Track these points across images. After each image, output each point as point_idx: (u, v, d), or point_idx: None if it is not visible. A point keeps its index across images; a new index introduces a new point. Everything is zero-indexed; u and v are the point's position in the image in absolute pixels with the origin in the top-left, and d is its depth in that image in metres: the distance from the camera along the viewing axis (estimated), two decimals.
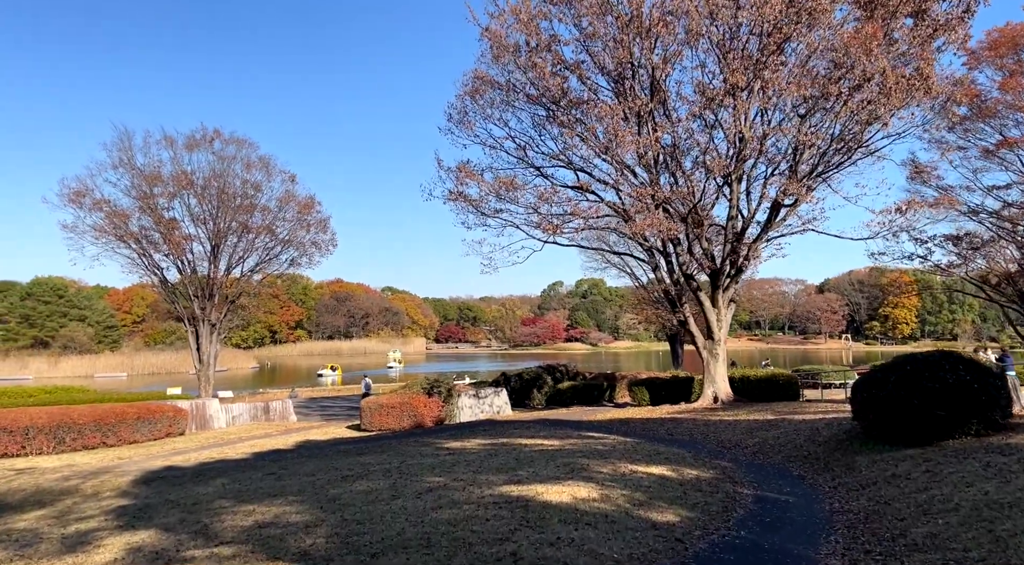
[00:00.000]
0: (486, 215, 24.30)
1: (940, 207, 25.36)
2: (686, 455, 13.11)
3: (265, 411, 29.00)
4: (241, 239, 42.46)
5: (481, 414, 24.37)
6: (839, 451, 12.32)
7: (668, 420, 19.50)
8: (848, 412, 17.23)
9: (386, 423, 22.21)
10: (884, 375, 11.71)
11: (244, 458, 17.46)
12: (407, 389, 23.17)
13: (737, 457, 13.24)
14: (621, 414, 21.99)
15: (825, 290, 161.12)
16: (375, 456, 15.54)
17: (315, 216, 44.77)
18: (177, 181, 39.37)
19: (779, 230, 21.95)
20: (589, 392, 29.59)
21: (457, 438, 18.23)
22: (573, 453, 13.14)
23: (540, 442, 15.88)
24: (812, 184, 19.36)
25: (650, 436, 16.77)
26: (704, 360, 22.85)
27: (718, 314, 22.59)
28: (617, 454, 12.94)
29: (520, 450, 14.32)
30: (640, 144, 18.71)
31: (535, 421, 21.51)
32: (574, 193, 21.13)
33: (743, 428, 16.46)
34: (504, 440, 16.85)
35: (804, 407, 19.07)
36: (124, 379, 79.21)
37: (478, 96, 23.16)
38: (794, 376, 23.18)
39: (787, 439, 14.26)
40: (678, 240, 22.99)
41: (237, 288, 43.23)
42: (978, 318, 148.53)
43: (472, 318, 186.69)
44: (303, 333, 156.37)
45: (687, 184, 21.74)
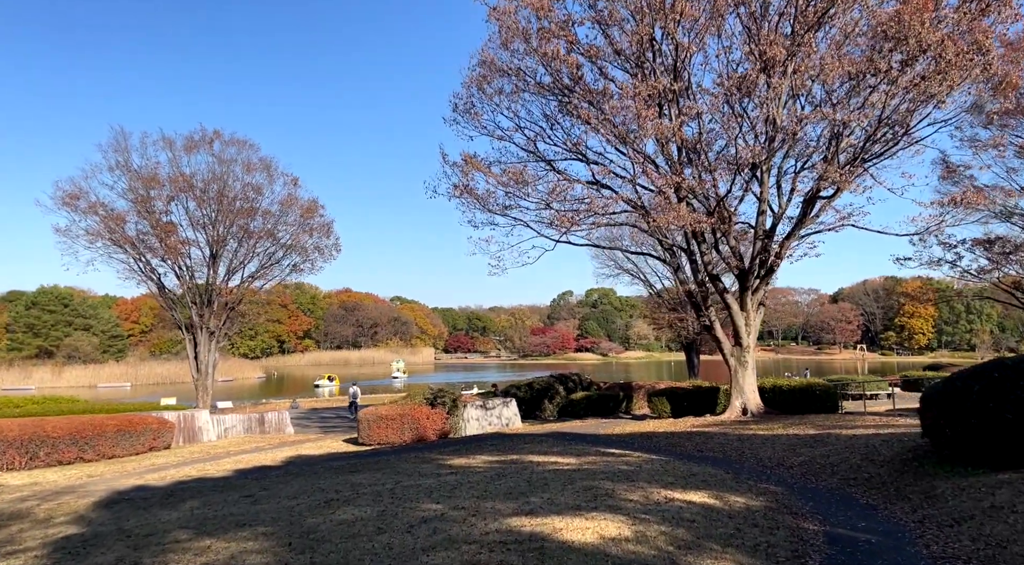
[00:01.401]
0: (494, 212, 22.62)
1: (990, 201, 23.29)
2: (725, 477, 11.27)
3: (260, 423, 27.33)
4: (241, 244, 41.10)
5: (489, 427, 22.57)
6: (909, 474, 10.44)
7: (695, 434, 17.64)
8: (904, 426, 15.37)
9: (385, 436, 20.46)
10: (965, 384, 9.85)
11: (225, 476, 15.75)
12: (408, 400, 21.43)
13: (784, 479, 11.38)
14: (641, 427, 20.15)
15: (839, 300, 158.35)
16: (368, 475, 13.80)
17: (318, 220, 43.35)
18: (175, 183, 38.03)
19: (813, 226, 20.12)
20: (604, 403, 27.73)
21: (462, 454, 16.46)
22: (594, 474, 11.34)
23: (554, 460, 14.08)
24: (854, 171, 17.52)
25: (677, 453, 14.92)
26: (731, 368, 20.96)
27: (747, 318, 20.74)
28: (645, 475, 11.12)
29: (532, 470, 12.53)
30: (662, 131, 17.00)
31: (548, 435, 19.71)
32: (588, 189, 19.38)
33: (783, 444, 14.59)
34: (514, 457, 15.06)
35: (847, 421, 17.17)
36: (128, 389, 77.92)
37: (486, 84, 21.54)
38: (832, 386, 21.24)
39: (839, 458, 12.39)
40: (703, 237, 21.18)
41: (237, 294, 41.75)
42: (996, 328, 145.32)
43: (481, 328, 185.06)
44: (311, 343, 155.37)
45: (712, 178, 19.98)
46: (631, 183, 20.81)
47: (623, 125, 17.54)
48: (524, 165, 21.68)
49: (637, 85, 16.55)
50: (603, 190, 20.22)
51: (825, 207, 20.20)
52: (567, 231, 21.94)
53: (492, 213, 22.72)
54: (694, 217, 17.70)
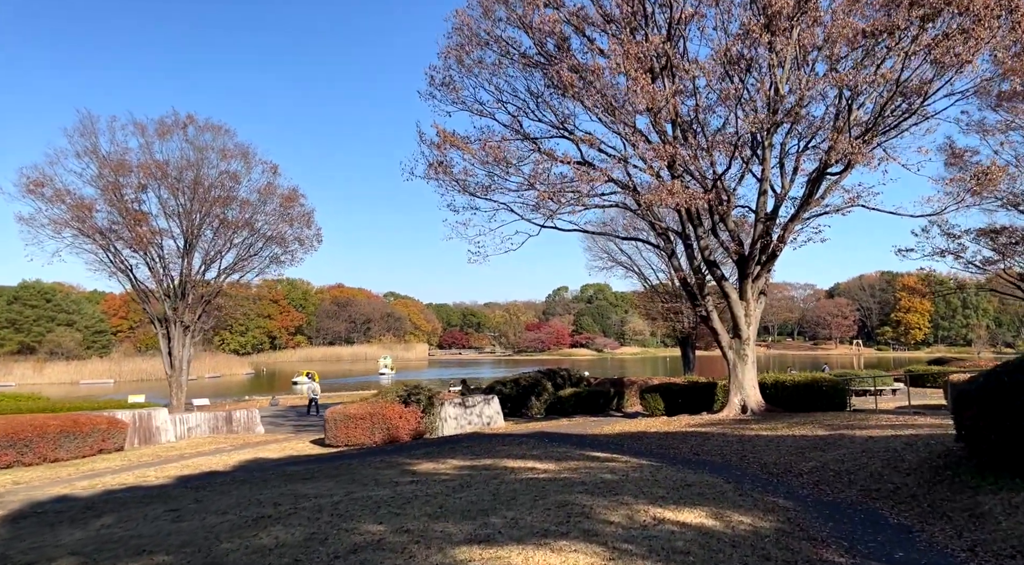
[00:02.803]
0: (475, 195, 20.92)
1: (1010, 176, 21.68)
2: (726, 488, 9.63)
3: (228, 421, 25.64)
4: (218, 234, 39.32)
5: (468, 426, 20.91)
6: (943, 485, 8.83)
7: (691, 435, 16.01)
8: (927, 427, 13.76)
9: (354, 437, 18.78)
10: (1014, 379, 8.23)
11: (163, 484, 14.05)
12: (380, 397, 19.74)
13: (794, 490, 9.76)
14: (632, 426, 18.52)
15: (835, 295, 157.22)
16: (320, 484, 12.13)
17: (298, 209, 41.54)
18: (145, 170, 36.18)
19: (819, 208, 18.49)
20: (594, 400, 26.11)
21: (432, 457, 14.80)
22: (571, 485, 9.69)
23: (531, 465, 12.43)
24: (868, 143, 15.87)
25: (671, 457, 13.30)
26: (730, 362, 19.34)
27: (746, 308, 19.10)
28: (632, 486, 9.48)
29: (503, 478, 10.88)
30: (655, 98, 15.33)
31: (530, 435, 18.07)
32: (576, 169, 17.66)
33: (790, 447, 12.97)
34: (488, 461, 13.41)
35: (859, 420, 15.56)
36: (111, 385, 76.08)
37: (464, 55, 19.81)
38: (839, 381, 19.61)
39: (856, 464, 10.77)
40: (699, 220, 19.55)
41: (214, 287, 39.99)
42: (992, 323, 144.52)
43: (476, 324, 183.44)
44: (303, 339, 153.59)
45: (708, 156, 18.33)
46: (622, 162, 19.14)
47: (611, 93, 15.86)
48: (506, 141, 19.97)
49: (627, 43, 14.80)
50: (591, 170, 18.52)
51: (832, 188, 18.58)
52: (553, 214, 20.29)
53: (473, 196, 21.03)
54: (689, 193, 16.04)
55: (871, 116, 16.40)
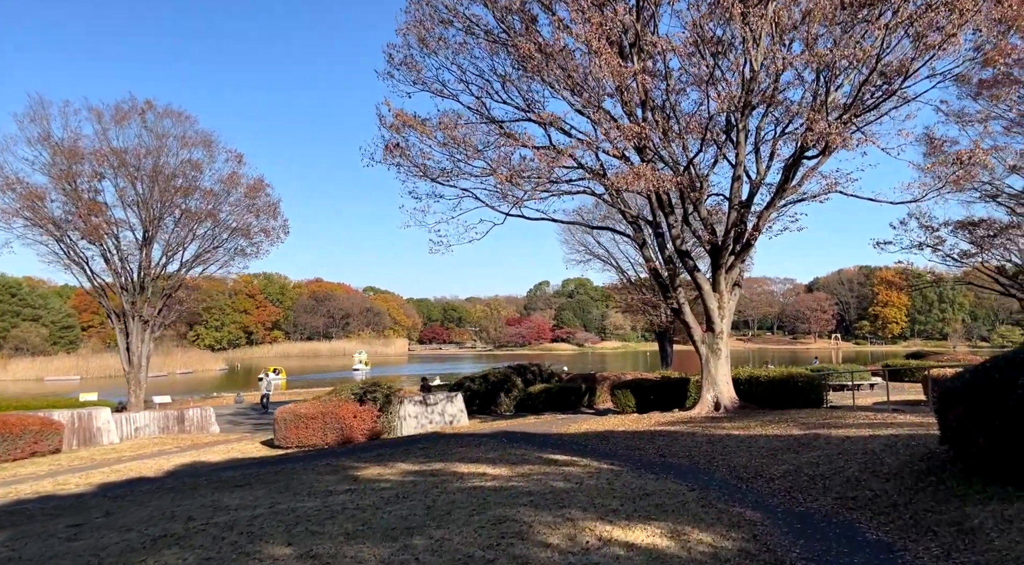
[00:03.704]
0: (437, 181, 19.81)
1: (990, 168, 21.05)
2: (688, 497, 8.68)
3: (180, 421, 24.36)
4: (180, 225, 37.86)
5: (430, 425, 19.84)
6: (927, 493, 7.93)
7: (660, 434, 15.09)
8: (907, 426, 12.91)
9: (305, 438, 17.64)
10: (1005, 375, 7.34)
11: (81, 493, 12.85)
12: (334, 395, 18.60)
13: (764, 499, 8.83)
14: (600, 425, 17.58)
15: (814, 290, 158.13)
16: (249, 493, 11.01)
17: (264, 200, 40.13)
18: (98, 157, 34.57)
19: (796, 195, 17.63)
20: (565, 396, 25.16)
21: (382, 460, 13.74)
22: (517, 495, 8.67)
23: (483, 470, 11.41)
24: (846, 120, 14.98)
25: (635, 459, 12.34)
26: (702, 357, 18.45)
27: (720, 300, 18.21)
28: (583, 497, 8.48)
29: (446, 486, 9.84)
30: (622, 74, 14.32)
31: (492, 435, 17.05)
32: (536, 151, 16.57)
33: (762, 448, 12.08)
34: (438, 465, 12.37)
35: (836, 417, 14.73)
36: (77, 382, 73.96)
37: (426, 33, 18.64)
38: (815, 377, 18.80)
39: (832, 467, 9.87)
40: (670, 207, 18.62)
41: (175, 280, 38.53)
42: (968, 317, 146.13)
43: (457, 319, 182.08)
44: (280, 334, 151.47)
45: (680, 139, 17.39)
46: (591, 146, 18.11)
47: (574, 68, 14.81)
48: (470, 125, 18.89)
49: (589, 13, 13.72)
50: (554, 152, 17.47)
51: (809, 174, 17.71)
52: (519, 202, 19.25)
53: (435, 182, 19.91)
54: (658, 176, 15.06)
55: (849, 98, 15.55)
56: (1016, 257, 37.69)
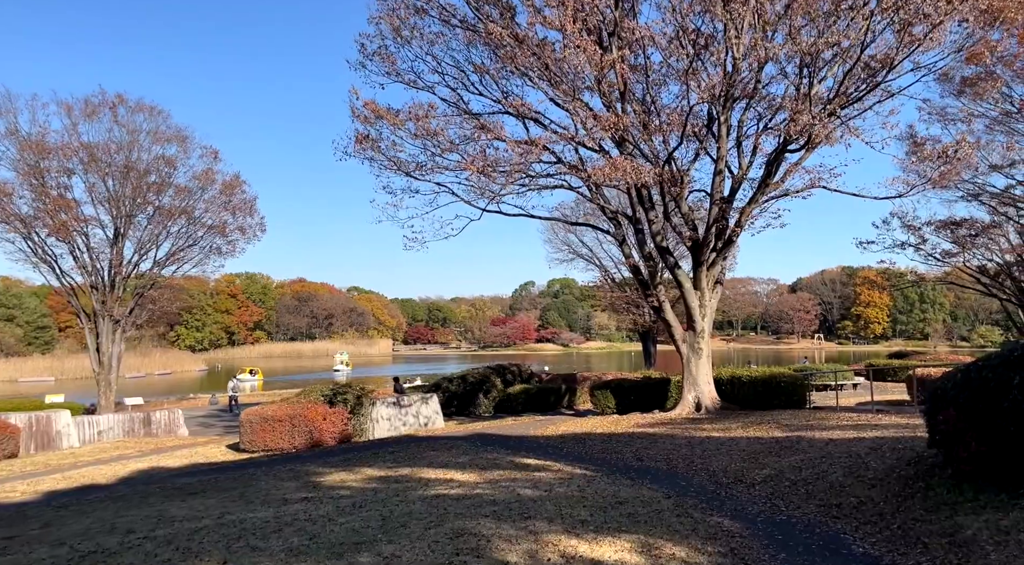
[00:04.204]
0: (411, 175, 19.17)
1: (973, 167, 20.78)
2: (664, 506, 8.14)
3: (146, 423, 23.51)
4: (152, 222, 36.91)
5: (404, 427, 19.19)
6: (916, 500, 7.45)
7: (638, 436, 14.57)
8: (892, 427, 12.45)
9: (272, 441, 16.92)
10: (1000, 374, 6.87)
11: (25, 502, 12.08)
12: (303, 397, 17.90)
13: (744, 507, 8.31)
14: (578, 426, 17.04)
15: (798, 290, 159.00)
16: (202, 501, 10.33)
17: (239, 197, 39.21)
18: (65, 152, 33.57)
19: (779, 190, 17.18)
20: (544, 397, 24.63)
21: (348, 465, 13.09)
22: (481, 505, 8.08)
23: (451, 476, 10.81)
24: (830, 111, 14.55)
25: (611, 463, 11.80)
26: (683, 357, 17.97)
27: (701, 298, 17.74)
28: (551, 506, 7.91)
29: (408, 494, 9.23)
30: (600, 63, 13.79)
31: (466, 437, 16.45)
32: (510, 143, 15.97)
33: (743, 451, 11.58)
34: (405, 471, 11.76)
35: (819, 419, 14.29)
36: (52, 383, 72.40)
37: (400, 23, 17.99)
38: (799, 377, 18.38)
39: (815, 472, 9.38)
40: (650, 202, 18.11)
41: (147, 279, 37.58)
42: (949, 317, 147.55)
43: (442, 319, 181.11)
44: (263, 334, 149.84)
45: (660, 132, 16.87)
46: (568, 139, 17.56)
47: (549, 55, 14.24)
48: (445, 117, 18.28)
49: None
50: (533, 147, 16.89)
51: (793, 169, 17.29)
52: (496, 197, 18.68)
53: (409, 176, 19.26)
54: (635, 168, 14.54)
55: (833, 90, 15.13)
56: (997, 257, 37.73)
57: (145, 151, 36.06)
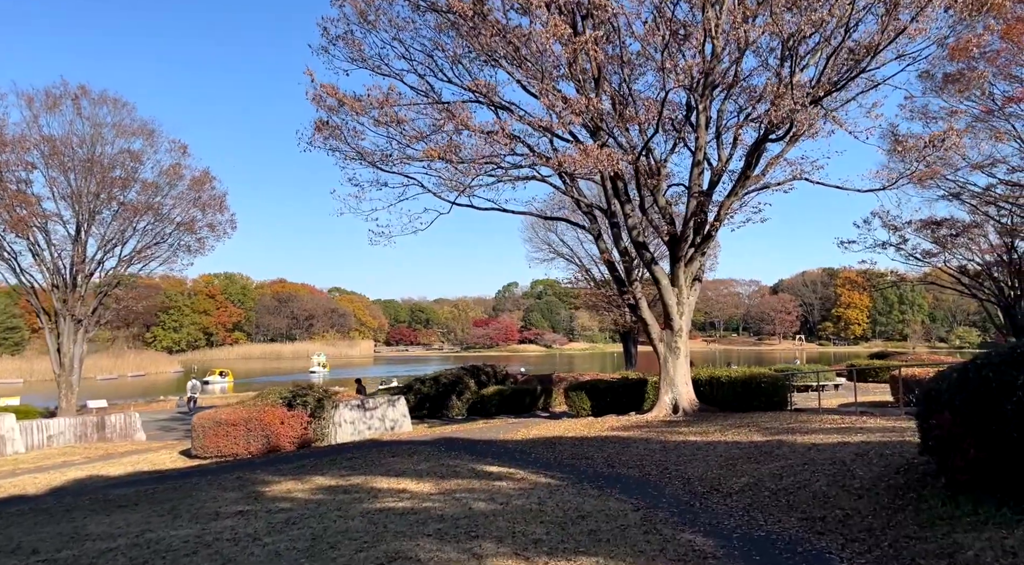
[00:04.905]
0: (378, 167, 18.26)
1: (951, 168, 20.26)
2: (631, 520, 7.33)
3: (100, 428, 22.36)
4: (118, 218, 35.69)
5: (369, 431, 18.26)
6: (907, 514, 6.71)
7: (610, 440, 13.79)
8: (878, 431, 11.73)
9: (225, 447, 15.92)
10: (1001, 374, 6.14)
11: None
12: (260, 400, 16.92)
13: (720, 520, 7.52)
14: (550, 430, 16.22)
15: (779, 291, 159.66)
16: (122, 516, 9.36)
17: (209, 193, 38.05)
18: (24, 145, 32.29)
19: (760, 183, 16.51)
20: (519, 399, 23.82)
21: (300, 473, 12.17)
22: (426, 521, 7.23)
23: (404, 486, 9.93)
24: (813, 95, 13.89)
25: (580, 470, 10.99)
26: (660, 356, 17.23)
27: (679, 295, 17.01)
28: (505, 522, 7.08)
29: (350, 508, 8.34)
30: (575, 46, 13.02)
31: (431, 442, 15.57)
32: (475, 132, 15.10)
33: (720, 457, 10.82)
34: (357, 480, 10.86)
35: (801, 421, 13.60)
36: (20, 385, 70.39)
37: (366, 6, 17.09)
38: (780, 377, 17.71)
39: (797, 481, 8.63)
40: (627, 195, 17.36)
41: (111, 277, 36.34)
42: (927, 319, 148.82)
43: (424, 320, 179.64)
44: (242, 336, 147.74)
45: (636, 118, 16.11)
46: (542, 129, 16.74)
47: (517, 37, 13.43)
48: (411, 104, 17.41)
49: None
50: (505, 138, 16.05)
51: (774, 162, 16.64)
52: (466, 189, 17.83)
53: (377, 168, 18.34)
54: (607, 155, 13.76)
55: (816, 77, 14.48)
56: (977, 257, 37.53)
57: (109, 145, 34.96)
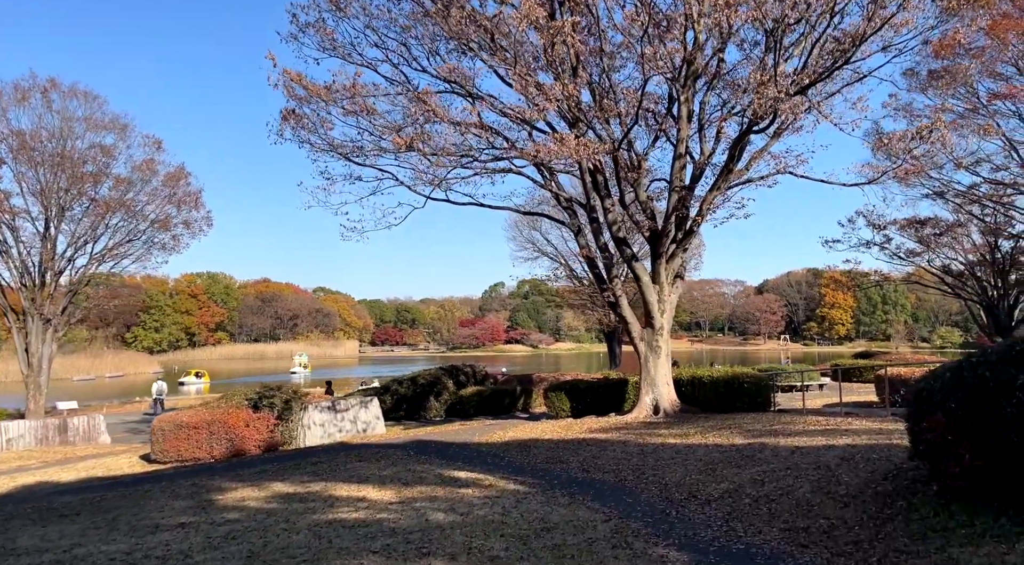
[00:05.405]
0: (351, 160, 17.61)
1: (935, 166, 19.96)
2: (600, 532, 6.77)
3: (62, 431, 21.53)
4: (88, 215, 34.77)
5: (339, 433, 17.58)
6: (896, 525, 6.19)
7: (587, 443, 13.23)
8: (864, 433, 11.24)
9: (187, 451, 15.17)
10: (999, 372, 5.63)
11: None
12: (224, 401, 16.20)
13: (696, 532, 6.97)
14: (526, 432, 15.64)
15: (764, 291, 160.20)
16: (59, 528, 8.69)
17: (184, 189, 37.17)
18: None
19: (743, 177, 16.04)
20: (499, 399, 23.23)
21: (259, 479, 11.50)
22: (375, 535, 6.62)
23: (363, 494, 9.31)
24: (798, 83, 13.43)
25: (553, 475, 10.42)
26: (641, 356, 16.71)
27: (660, 293, 16.50)
28: (461, 537, 6.48)
29: (299, 520, 7.72)
30: (552, 31, 12.46)
31: (403, 445, 14.93)
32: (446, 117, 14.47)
33: (700, 461, 10.29)
34: (317, 487, 10.22)
35: (784, 423, 13.12)
36: None
37: None
38: (763, 377, 17.24)
39: (779, 487, 8.11)
40: (606, 189, 16.83)
41: (81, 275, 35.41)
42: (910, 319, 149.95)
43: (410, 320, 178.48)
44: (225, 336, 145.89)
45: (617, 115, 15.60)
46: (523, 121, 16.15)
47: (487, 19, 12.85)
48: (385, 94, 16.79)
49: None
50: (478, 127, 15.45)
51: (758, 156, 16.19)
52: (441, 182, 17.21)
53: (349, 161, 17.69)
54: (586, 144, 13.21)
55: (801, 62, 14.03)
56: (961, 256, 37.49)
57: (80, 139, 34.07)
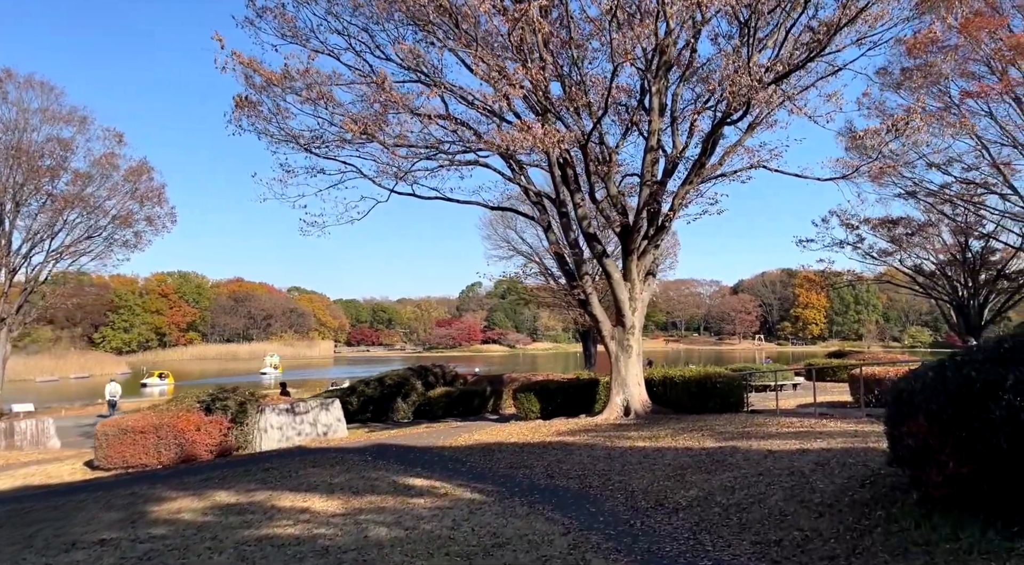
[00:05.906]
0: (312, 152, 16.86)
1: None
2: (556, 548, 6.18)
3: (8, 435, 20.48)
4: (45, 211, 33.59)
5: (298, 437, 16.82)
6: (874, 537, 5.69)
7: (555, 446, 12.66)
8: (839, 436, 10.80)
9: (132, 457, 14.32)
10: (986, 373, 5.16)
11: None
12: (175, 404, 15.37)
13: (661, 544, 6.42)
14: (492, 434, 15.04)
15: (739, 291, 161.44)
16: None
17: (146, 184, 36.10)
18: None
19: (718, 171, 15.62)
20: (468, 401, 22.59)
21: (203, 487, 10.73)
22: (303, 557, 5.95)
23: (307, 505, 8.63)
24: (771, 71, 13.03)
25: (515, 482, 9.82)
26: (612, 355, 16.19)
27: (631, 290, 15.99)
28: (400, 556, 5.83)
29: (228, 536, 7.01)
30: (517, 15, 11.88)
31: (362, 449, 14.23)
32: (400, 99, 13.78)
33: (669, 466, 9.76)
34: (261, 497, 9.49)
35: (756, 424, 12.68)
36: None
37: None
38: (736, 377, 16.84)
39: (751, 495, 7.60)
40: (576, 183, 16.30)
41: (37, 273, 34.18)
42: (882, 318, 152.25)
43: (387, 320, 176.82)
44: (197, 336, 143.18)
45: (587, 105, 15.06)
46: (489, 112, 15.53)
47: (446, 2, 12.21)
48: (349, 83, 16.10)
49: None
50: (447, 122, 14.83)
51: (732, 150, 15.77)
52: (405, 175, 16.55)
53: (310, 152, 16.93)
54: (551, 132, 12.65)
55: (775, 52, 13.65)
56: (932, 256, 37.77)
57: (36, 131, 32.86)
